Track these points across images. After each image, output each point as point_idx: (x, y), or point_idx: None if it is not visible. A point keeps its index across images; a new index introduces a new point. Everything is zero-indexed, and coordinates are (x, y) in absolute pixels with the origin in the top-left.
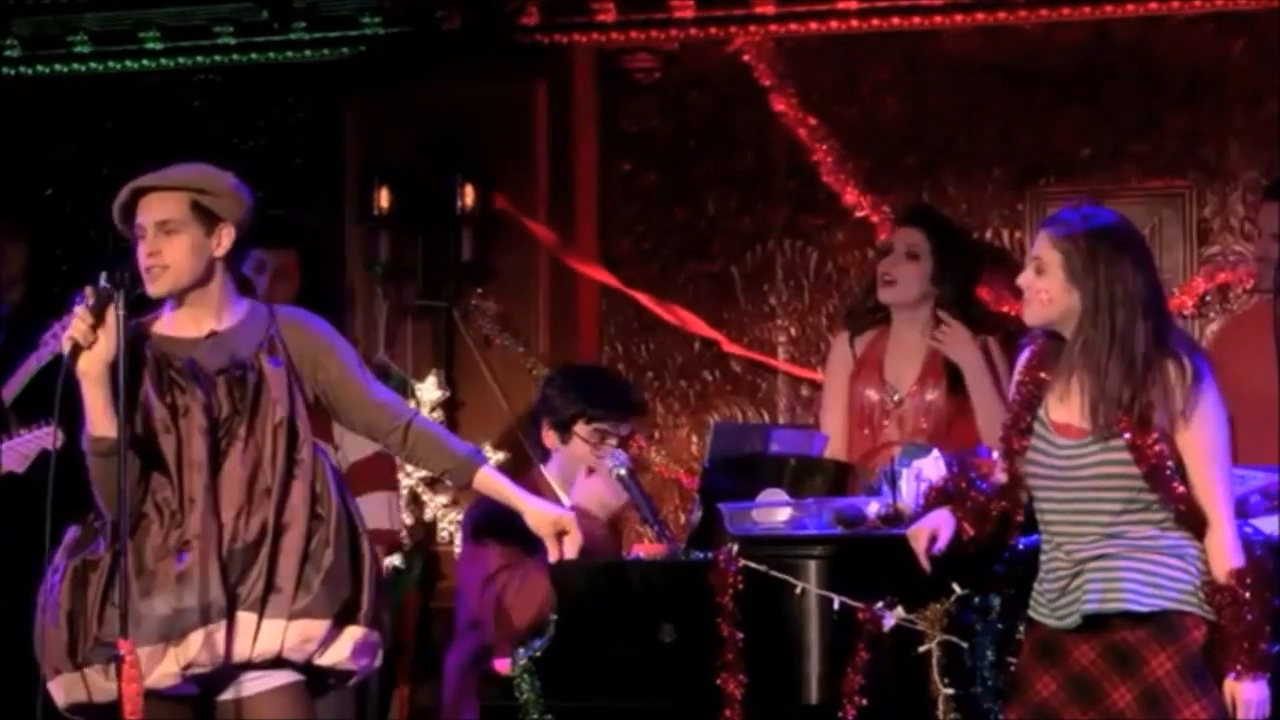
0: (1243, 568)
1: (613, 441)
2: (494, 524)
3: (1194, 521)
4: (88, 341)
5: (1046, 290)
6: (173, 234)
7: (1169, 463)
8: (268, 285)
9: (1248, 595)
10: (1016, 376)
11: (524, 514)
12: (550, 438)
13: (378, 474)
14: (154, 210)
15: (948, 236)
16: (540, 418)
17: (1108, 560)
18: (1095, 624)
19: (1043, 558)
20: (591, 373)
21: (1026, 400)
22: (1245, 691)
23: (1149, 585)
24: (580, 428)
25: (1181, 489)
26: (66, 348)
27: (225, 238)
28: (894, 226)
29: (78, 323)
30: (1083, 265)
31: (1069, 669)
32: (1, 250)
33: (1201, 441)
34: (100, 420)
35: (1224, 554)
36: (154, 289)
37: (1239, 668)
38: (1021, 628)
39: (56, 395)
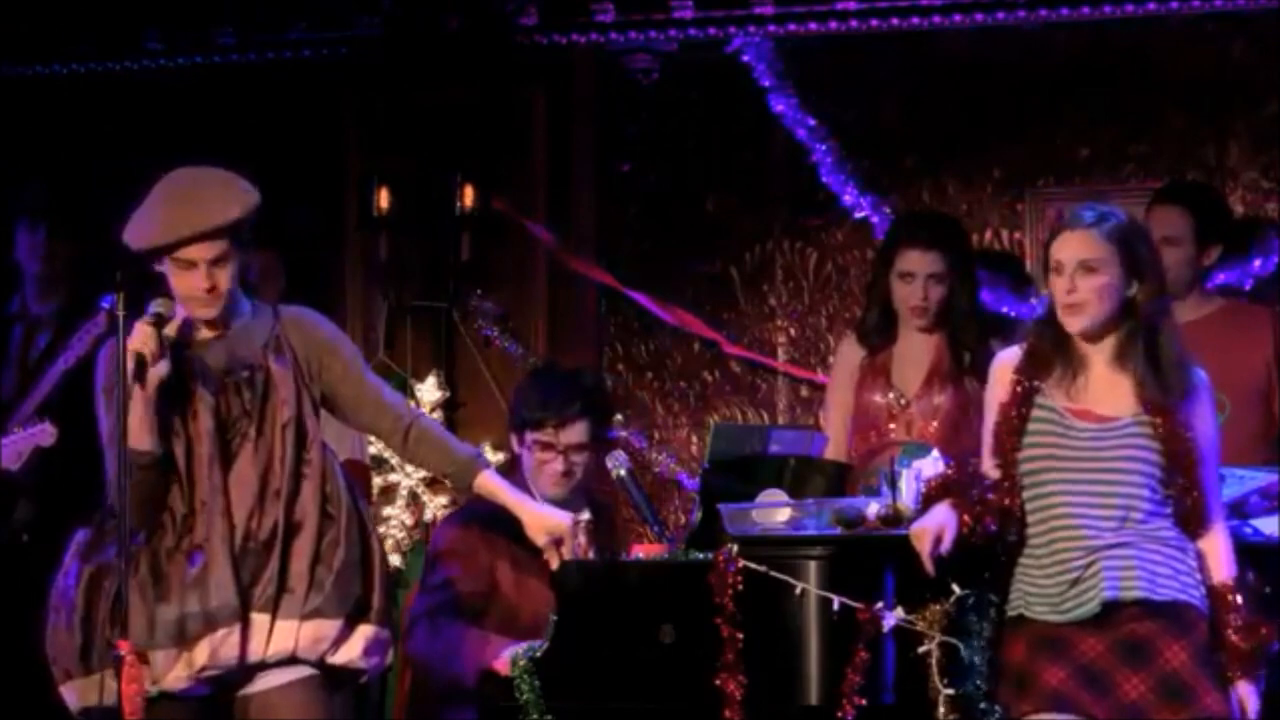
0: (1238, 576)
1: (558, 461)
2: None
3: (1193, 521)
4: (154, 357)
5: (1106, 285)
6: (224, 266)
7: (1197, 451)
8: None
9: (1241, 601)
10: (1010, 375)
11: (522, 520)
12: (514, 442)
13: None
14: (205, 251)
15: (963, 256)
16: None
17: (1123, 549)
18: (1100, 619)
19: (1041, 553)
20: (543, 375)
21: (1023, 398)
22: (1245, 692)
23: (1163, 575)
24: (527, 437)
25: (1202, 479)
26: (132, 361)
27: (252, 246)
28: (911, 244)
29: (144, 338)
30: (1147, 253)
31: (1076, 660)
32: (50, 249)
33: (1202, 442)
34: (140, 433)
35: (1220, 560)
36: (211, 312)
37: (1239, 670)
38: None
39: (117, 398)
